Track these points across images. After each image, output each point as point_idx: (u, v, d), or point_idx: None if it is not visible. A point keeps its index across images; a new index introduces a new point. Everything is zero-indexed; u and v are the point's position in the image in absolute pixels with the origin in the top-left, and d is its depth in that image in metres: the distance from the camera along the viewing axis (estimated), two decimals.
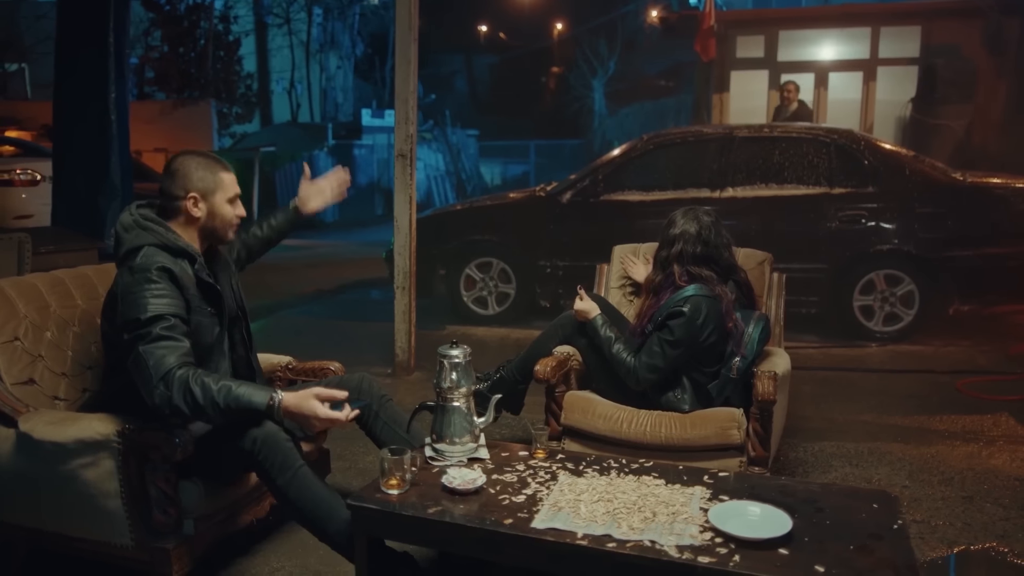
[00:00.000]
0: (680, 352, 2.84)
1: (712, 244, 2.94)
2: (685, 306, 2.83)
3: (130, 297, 2.29)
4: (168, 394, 2.19)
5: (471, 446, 2.50)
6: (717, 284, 2.90)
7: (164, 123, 13.64)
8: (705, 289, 2.86)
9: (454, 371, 2.50)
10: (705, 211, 3.03)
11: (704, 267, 2.91)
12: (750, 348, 2.94)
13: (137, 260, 2.34)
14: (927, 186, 5.63)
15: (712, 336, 2.86)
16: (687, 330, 2.81)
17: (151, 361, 2.20)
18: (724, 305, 2.87)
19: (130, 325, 2.26)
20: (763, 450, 2.78)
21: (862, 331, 5.69)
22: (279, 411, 2.28)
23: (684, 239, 2.94)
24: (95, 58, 6.19)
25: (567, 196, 6.05)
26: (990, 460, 3.57)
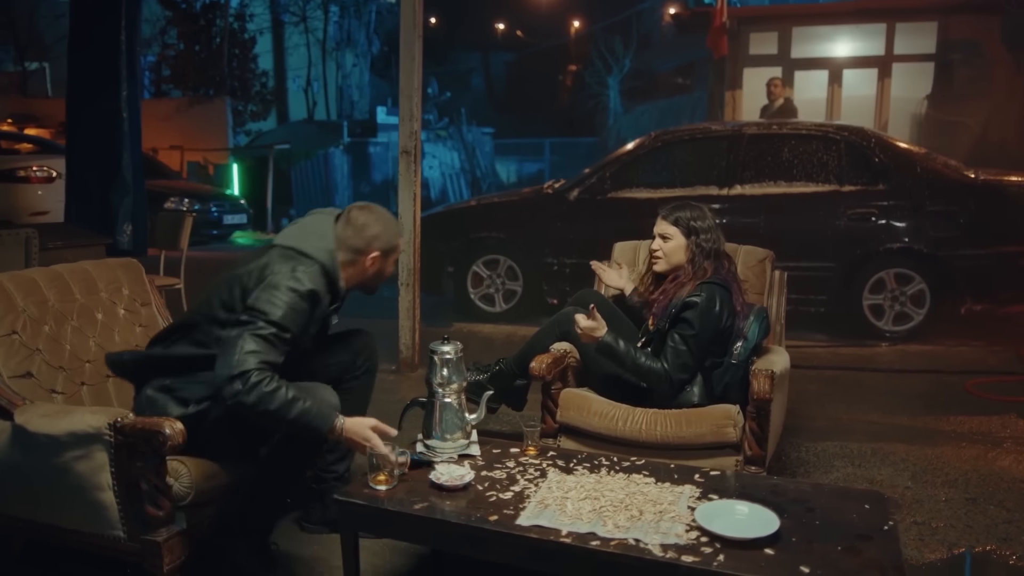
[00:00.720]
0: (704, 342, 2.83)
1: (712, 236, 2.98)
2: (699, 296, 2.82)
3: (273, 292, 2.32)
4: (239, 389, 2.20)
5: (462, 442, 2.50)
6: (721, 271, 2.92)
7: (180, 120, 13.76)
8: (714, 277, 2.87)
9: (445, 367, 2.50)
10: (709, 209, 3.09)
11: (709, 258, 2.94)
12: (752, 333, 2.94)
13: (302, 270, 2.37)
14: (938, 184, 5.56)
15: (728, 320, 2.88)
16: (706, 320, 2.81)
17: (245, 349, 2.22)
18: (733, 288, 2.89)
19: (253, 312, 2.30)
20: (759, 449, 2.75)
21: (872, 330, 5.63)
22: (339, 438, 2.29)
23: (696, 232, 2.96)
24: (107, 57, 6.24)
25: (574, 193, 6.03)
26: (996, 462, 3.52)
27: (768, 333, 3.07)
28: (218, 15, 14.62)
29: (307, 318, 2.38)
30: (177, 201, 10.96)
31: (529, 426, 2.51)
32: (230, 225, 11.64)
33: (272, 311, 2.29)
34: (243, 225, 11.98)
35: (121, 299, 3.02)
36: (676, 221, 2.99)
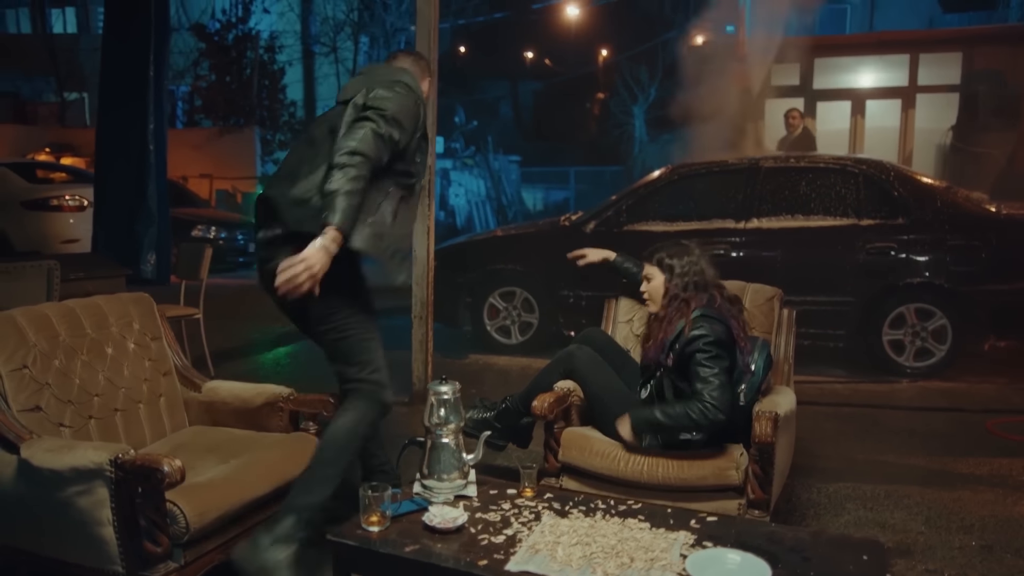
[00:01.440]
0: (729, 372, 2.80)
1: (702, 272, 2.97)
2: (701, 326, 2.81)
3: (387, 90, 2.54)
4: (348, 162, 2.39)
5: (459, 483, 2.49)
6: (719, 302, 2.90)
7: (210, 149, 14.04)
8: (708, 309, 2.86)
9: (442, 407, 2.51)
10: (696, 246, 3.07)
11: (702, 292, 2.93)
12: (758, 368, 2.91)
13: (404, 80, 2.66)
14: (960, 218, 5.48)
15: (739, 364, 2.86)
16: (720, 347, 2.78)
17: (364, 138, 2.42)
18: (732, 322, 2.86)
19: (372, 109, 2.48)
20: (762, 492, 2.71)
21: (892, 366, 5.53)
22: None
23: (682, 273, 2.95)
24: (135, 92, 6.43)
25: (591, 226, 6.04)
26: (1015, 507, 3.43)
27: (771, 366, 3.04)
28: (249, 47, 14.96)
29: (415, 121, 2.56)
30: (204, 229, 11.16)
31: (526, 467, 2.50)
32: (255, 253, 11.81)
33: (388, 106, 2.46)
34: None
35: (131, 333, 3.07)
36: (654, 260, 3.03)
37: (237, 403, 3.13)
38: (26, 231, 9.15)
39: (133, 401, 2.98)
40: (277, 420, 3.08)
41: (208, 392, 3.19)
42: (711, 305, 2.89)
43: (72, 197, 9.28)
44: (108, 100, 6.59)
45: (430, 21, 4.55)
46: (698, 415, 2.72)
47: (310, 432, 3.03)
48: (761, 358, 2.91)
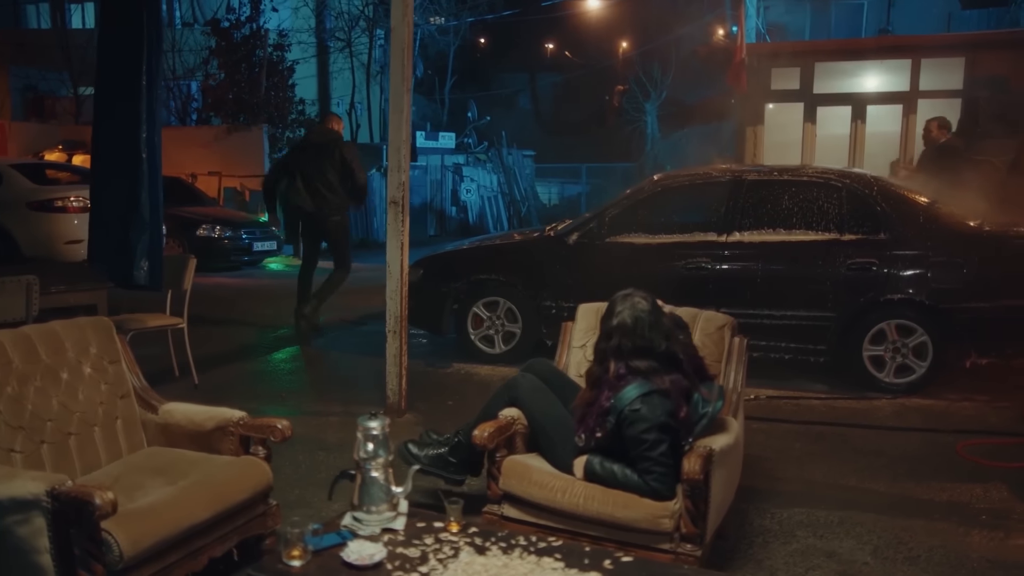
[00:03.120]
0: (668, 446, 2.75)
1: (649, 338, 2.84)
2: (639, 408, 2.74)
3: None
4: None
5: (388, 515, 2.55)
6: (660, 374, 2.81)
7: (218, 147, 14.19)
8: (648, 385, 2.78)
9: (370, 442, 2.56)
10: (642, 298, 2.92)
11: (642, 359, 2.82)
12: (709, 419, 2.89)
13: None
14: (942, 234, 5.44)
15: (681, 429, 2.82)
16: (659, 429, 2.74)
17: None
18: (673, 397, 2.79)
19: None
20: (694, 527, 2.74)
21: (872, 382, 5.51)
22: None
23: (620, 332, 2.85)
24: (128, 101, 6.49)
25: (574, 237, 6.06)
26: (966, 538, 3.42)
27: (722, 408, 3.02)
28: (258, 45, 15.07)
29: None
30: (209, 228, 11.31)
31: (452, 501, 2.55)
32: (261, 252, 11.95)
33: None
34: (273, 252, 12.27)
35: (88, 358, 3.15)
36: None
37: (191, 426, 3.20)
38: (31, 232, 9.34)
39: (88, 424, 3.06)
40: (228, 444, 3.14)
41: (164, 414, 3.27)
42: (652, 376, 2.79)
43: (77, 198, 9.44)
44: (102, 108, 6.67)
45: (403, 39, 4.59)
46: (648, 491, 2.74)
47: (259, 456, 3.09)
48: (719, 404, 2.91)
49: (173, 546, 2.65)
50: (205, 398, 5.29)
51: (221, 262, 11.37)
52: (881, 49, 8.81)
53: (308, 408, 5.28)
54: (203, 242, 11.18)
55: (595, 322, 3.61)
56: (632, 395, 2.76)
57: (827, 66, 9.06)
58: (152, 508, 2.64)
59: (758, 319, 5.64)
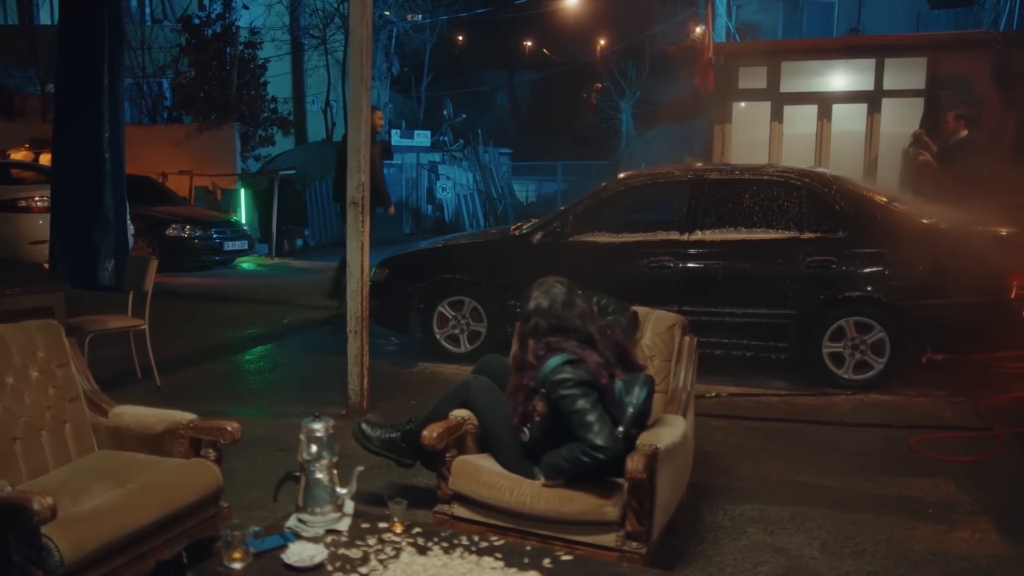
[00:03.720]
0: (597, 399, 2.79)
1: (564, 316, 2.92)
2: (561, 371, 2.81)
3: None
4: None
5: (333, 516, 2.56)
6: (578, 348, 2.88)
7: (189, 146, 14.07)
8: (568, 355, 2.85)
9: (314, 444, 2.56)
10: (558, 282, 3.01)
11: (559, 337, 2.90)
12: (637, 402, 2.89)
13: None
14: (899, 232, 5.52)
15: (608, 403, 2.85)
16: (584, 385, 2.79)
17: None
18: (591, 366, 2.83)
19: None
20: (639, 525, 2.77)
21: (832, 379, 5.58)
22: None
23: (537, 313, 2.94)
24: (90, 101, 6.44)
25: (538, 236, 6.08)
26: (912, 531, 3.48)
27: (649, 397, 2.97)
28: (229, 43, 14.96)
29: None
30: (179, 227, 11.22)
31: (395, 502, 2.56)
32: (232, 251, 11.86)
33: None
34: (245, 251, 12.19)
35: (35, 362, 3.13)
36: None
37: (141, 429, 3.19)
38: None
39: (34, 429, 3.04)
40: (178, 446, 3.13)
41: (114, 418, 3.25)
42: (568, 349, 2.86)
43: (42, 198, 9.33)
44: (62, 108, 6.61)
45: (362, 40, 4.58)
46: (590, 460, 2.75)
47: (209, 459, 3.08)
48: (643, 392, 2.94)
49: (118, 550, 2.64)
50: (167, 400, 5.29)
51: (191, 262, 11.29)
52: (845, 49, 8.91)
53: (270, 408, 5.27)
54: (173, 242, 11.10)
55: None
56: (553, 364, 2.83)
57: (793, 65, 9.15)
58: (96, 512, 2.63)
59: (720, 317, 5.71)
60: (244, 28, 15.65)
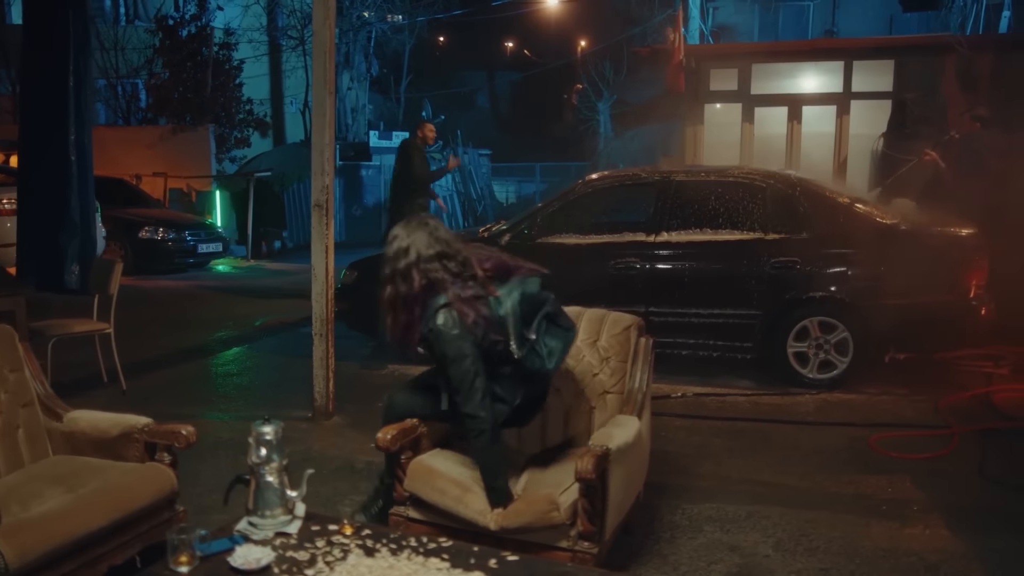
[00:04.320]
0: (472, 361, 2.79)
1: (444, 239, 2.92)
2: (437, 324, 2.80)
3: None
4: None
5: (283, 519, 2.56)
6: (451, 285, 2.84)
7: (164, 148, 13.98)
8: (442, 298, 2.82)
9: (263, 447, 2.57)
10: (419, 217, 3.03)
11: (439, 265, 2.87)
12: (513, 316, 2.85)
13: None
14: (862, 232, 5.58)
15: (487, 335, 2.81)
16: (453, 343, 2.79)
17: None
18: (468, 318, 2.79)
19: None
20: (590, 525, 2.79)
21: (797, 378, 5.65)
22: None
23: (416, 245, 2.89)
24: (56, 104, 6.41)
25: (506, 238, 6.10)
26: (866, 529, 3.54)
27: (541, 305, 2.92)
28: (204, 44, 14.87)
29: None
30: (152, 230, 11.15)
31: (344, 504, 2.57)
32: (206, 254, 11.80)
33: None
34: (219, 253, 12.13)
35: None
36: None
37: (96, 434, 3.17)
38: None
39: None
40: (133, 450, 3.12)
41: (69, 422, 3.23)
42: (442, 287, 2.82)
43: (10, 200, 9.24)
44: (28, 112, 6.58)
45: (326, 43, 4.59)
46: (475, 431, 2.80)
47: (164, 463, 3.07)
48: (515, 294, 2.86)
49: (67, 555, 2.63)
50: (133, 404, 5.25)
51: (165, 264, 11.22)
52: (815, 52, 9.01)
53: (237, 412, 5.26)
54: (146, 244, 11.02)
55: None
56: (430, 315, 2.82)
57: (764, 67, 9.24)
58: (44, 518, 2.62)
59: (686, 317, 5.76)
60: (219, 29, 15.55)
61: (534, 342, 2.87)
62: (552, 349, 2.91)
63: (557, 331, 2.97)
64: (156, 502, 2.96)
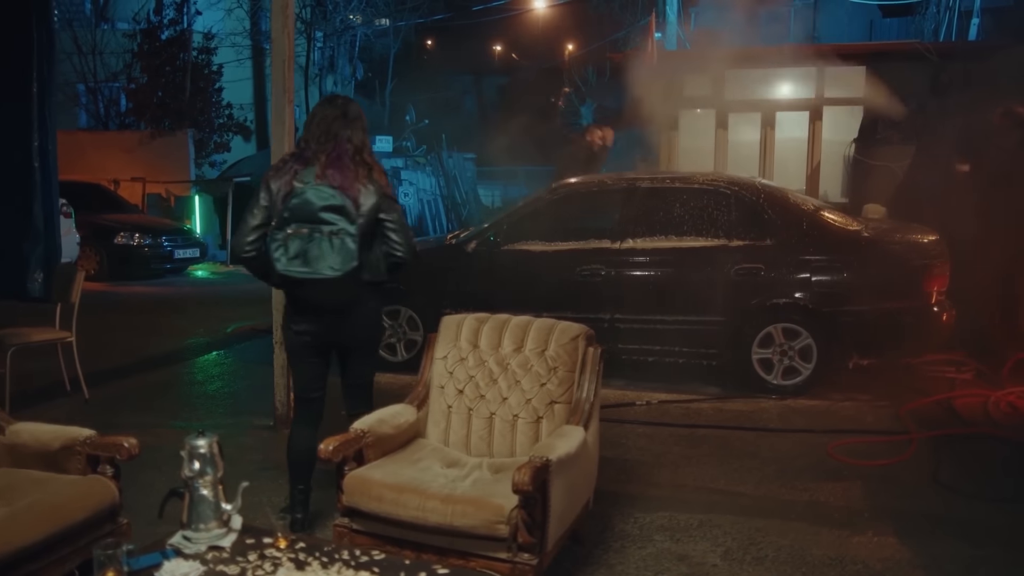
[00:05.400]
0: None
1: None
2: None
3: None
4: None
5: (217, 532, 2.55)
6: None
7: (142, 152, 13.91)
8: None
9: (196, 460, 2.55)
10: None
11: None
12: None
13: None
14: (825, 239, 5.62)
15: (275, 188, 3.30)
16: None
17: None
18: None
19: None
20: (529, 536, 2.78)
21: (762, 384, 5.66)
22: None
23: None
24: (18, 109, 6.34)
25: (472, 245, 6.11)
26: (815, 536, 3.55)
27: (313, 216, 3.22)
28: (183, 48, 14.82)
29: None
30: (128, 235, 11.09)
31: (279, 517, 2.56)
32: (183, 259, 11.75)
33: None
34: (197, 259, 12.08)
35: None
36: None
37: (37, 446, 3.15)
38: None
39: None
40: (75, 463, 3.10)
41: (11, 435, 3.20)
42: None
43: None
44: None
45: (284, 51, 4.57)
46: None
47: (107, 475, 3.05)
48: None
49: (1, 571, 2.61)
50: (95, 413, 5.23)
51: (141, 270, 11.16)
52: (787, 57, 9.06)
53: (199, 421, 5.23)
54: (121, 250, 10.97)
55: (456, 333, 3.68)
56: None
57: (737, 73, 9.28)
58: None
59: (652, 324, 5.77)
60: (199, 33, 15.50)
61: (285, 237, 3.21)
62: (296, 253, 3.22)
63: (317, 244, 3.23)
64: (96, 515, 2.93)
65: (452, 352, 3.61)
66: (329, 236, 3.21)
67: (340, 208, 3.21)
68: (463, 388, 3.50)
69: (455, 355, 3.58)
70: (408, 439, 3.42)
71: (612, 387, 5.85)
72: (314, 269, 3.22)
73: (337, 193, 3.22)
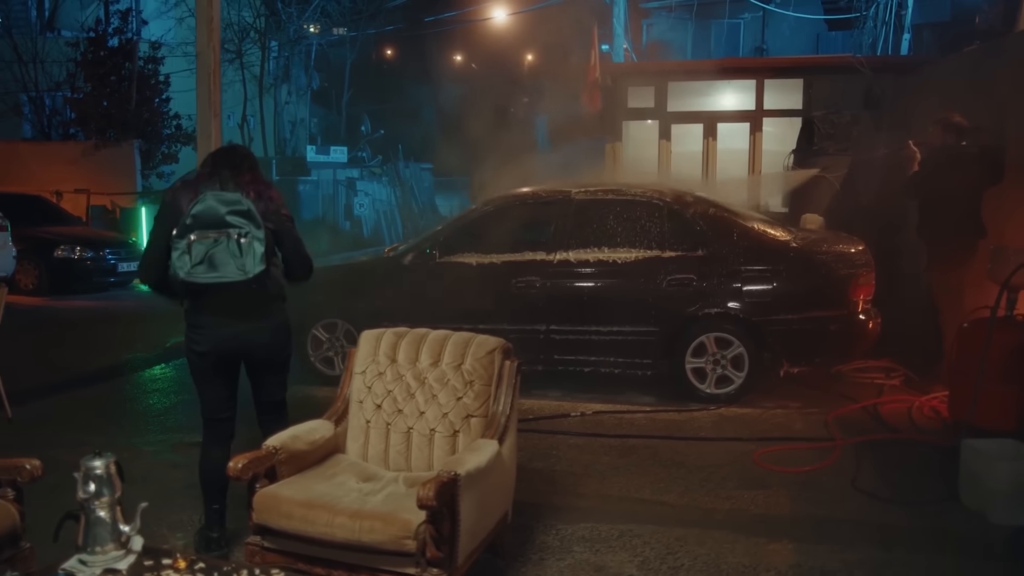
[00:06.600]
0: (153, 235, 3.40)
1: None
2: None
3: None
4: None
5: (115, 555, 2.51)
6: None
7: (86, 163, 13.64)
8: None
9: (92, 481, 2.51)
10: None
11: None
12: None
13: None
14: (755, 250, 5.72)
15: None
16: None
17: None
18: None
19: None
20: (437, 551, 2.79)
21: (696, 393, 5.74)
22: None
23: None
24: None
25: (408, 258, 6.10)
26: (732, 544, 3.60)
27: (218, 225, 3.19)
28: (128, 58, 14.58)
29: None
30: (68, 249, 10.85)
31: (178, 538, 2.53)
32: (128, 272, 11.52)
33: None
34: None
35: None
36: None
37: None
38: None
39: None
40: None
41: None
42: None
43: None
44: None
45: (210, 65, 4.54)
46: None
47: (7, 498, 2.98)
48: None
49: None
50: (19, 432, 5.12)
51: (83, 284, 10.92)
52: (728, 70, 9.22)
53: (128, 439, 5.15)
54: (62, 264, 10.73)
55: (375, 348, 3.68)
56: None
57: (680, 85, 9.42)
58: None
59: (587, 335, 5.82)
60: (147, 42, 15.26)
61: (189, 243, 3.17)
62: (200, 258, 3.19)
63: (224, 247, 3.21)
64: None
65: (371, 367, 3.61)
66: (237, 239, 3.17)
67: (247, 212, 3.20)
68: (381, 403, 3.50)
69: (373, 370, 3.57)
70: (325, 454, 3.41)
71: (549, 398, 5.89)
72: (221, 273, 3.18)
73: (243, 198, 3.21)
